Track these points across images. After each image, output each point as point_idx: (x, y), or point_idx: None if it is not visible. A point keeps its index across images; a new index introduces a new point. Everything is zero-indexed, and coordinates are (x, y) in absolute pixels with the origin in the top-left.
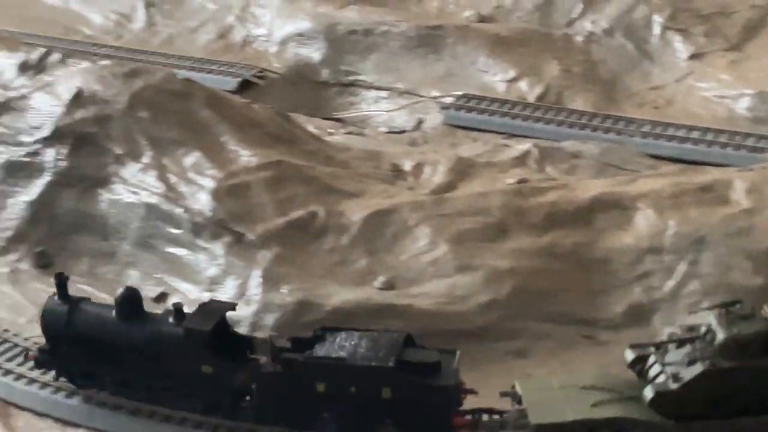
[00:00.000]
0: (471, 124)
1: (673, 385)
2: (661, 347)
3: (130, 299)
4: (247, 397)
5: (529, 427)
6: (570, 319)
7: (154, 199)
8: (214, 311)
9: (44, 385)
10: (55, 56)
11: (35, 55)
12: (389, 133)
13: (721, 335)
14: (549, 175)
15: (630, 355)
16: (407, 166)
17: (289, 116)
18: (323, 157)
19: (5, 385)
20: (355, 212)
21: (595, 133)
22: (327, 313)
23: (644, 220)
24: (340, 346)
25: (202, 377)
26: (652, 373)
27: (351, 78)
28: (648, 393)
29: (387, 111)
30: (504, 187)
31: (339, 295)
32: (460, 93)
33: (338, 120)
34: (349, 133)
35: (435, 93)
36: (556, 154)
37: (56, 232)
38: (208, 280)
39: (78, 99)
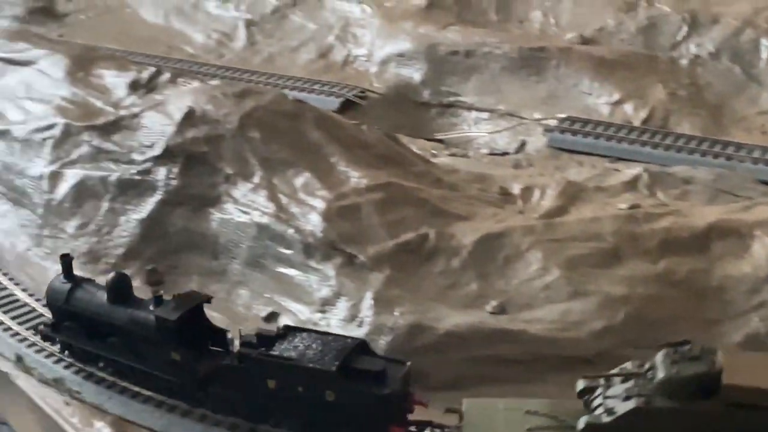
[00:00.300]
0: (575, 147)
1: (606, 419)
2: (609, 380)
3: (119, 283)
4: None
5: None
6: None
7: (265, 219)
8: (188, 301)
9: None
10: (165, 75)
11: (145, 74)
12: (492, 154)
13: (660, 374)
14: (661, 201)
15: (580, 385)
16: (516, 189)
17: (397, 138)
18: (432, 179)
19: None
20: (466, 235)
21: (704, 159)
22: (439, 337)
23: (762, 248)
24: (295, 345)
25: (171, 363)
26: (594, 404)
27: (452, 99)
28: (580, 424)
29: (489, 133)
30: (616, 213)
31: (451, 319)
32: (563, 115)
33: (439, 141)
34: (453, 155)
35: (537, 115)
36: (667, 180)
37: (167, 250)
38: (319, 300)
39: (189, 118)
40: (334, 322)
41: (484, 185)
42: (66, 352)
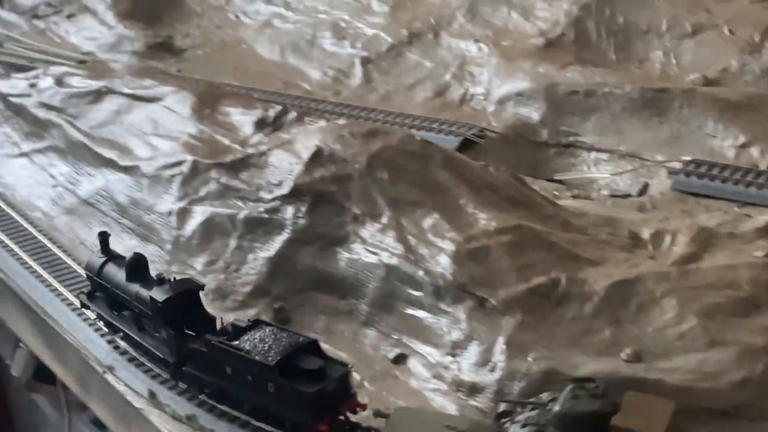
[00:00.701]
0: (702, 190)
1: None
2: (524, 406)
3: (135, 263)
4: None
5: None
6: None
7: (393, 260)
8: (179, 286)
9: None
10: (292, 114)
11: (272, 112)
12: (614, 196)
13: (557, 407)
14: None
15: (500, 408)
16: (645, 233)
17: (523, 179)
18: (560, 222)
19: None
20: (598, 281)
21: None
22: None
23: None
24: (254, 338)
25: (161, 341)
26: (503, 428)
27: (571, 139)
28: None
29: (610, 174)
30: (752, 260)
31: (586, 366)
32: (688, 158)
33: (559, 182)
34: (576, 196)
35: (660, 157)
36: None
37: (294, 289)
38: (450, 343)
39: (317, 158)
40: (465, 365)
41: (613, 229)
42: (99, 321)
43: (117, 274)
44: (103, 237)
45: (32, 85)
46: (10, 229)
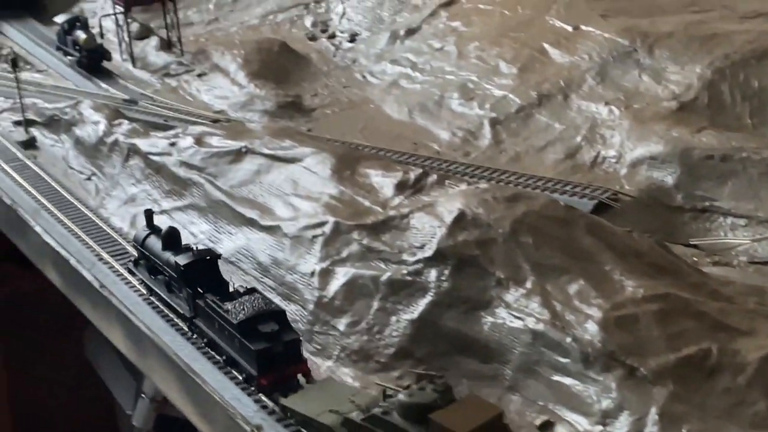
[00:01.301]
0: None
1: (356, 417)
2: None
3: (169, 235)
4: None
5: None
6: None
7: (540, 326)
8: (199, 254)
9: None
10: (432, 177)
11: (412, 175)
12: (754, 263)
13: (400, 395)
14: None
15: (389, 391)
16: None
17: (668, 246)
18: (707, 290)
19: None
20: (750, 351)
21: None
22: None
23: None
24: (242, 301)
25: (183, 299)
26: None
27: (707, 204)
28: (354, 417)
29: (750, 240)
30: None
31: None
32: None
33: (695, 247)
34: (716, 263)
35: None
36: None
37: (437, 352)
38: (599, 412)
39: (460, 221)
40: None
41: (761, 298)
42: (141, 285)
43: (155, 244)
44: (149, 214)
45: (172, 144)
46: None
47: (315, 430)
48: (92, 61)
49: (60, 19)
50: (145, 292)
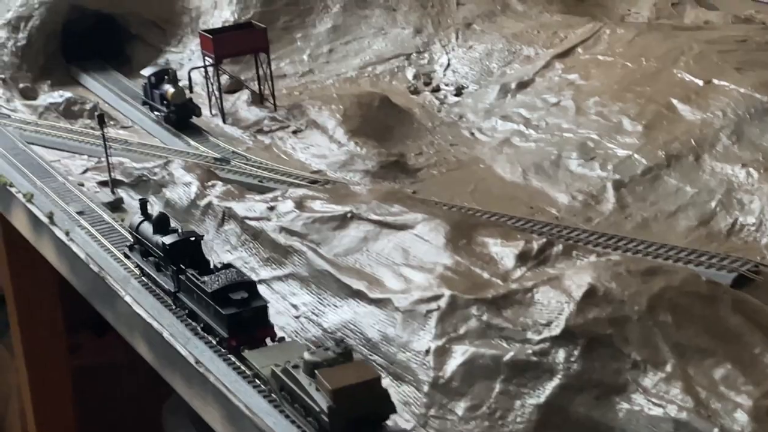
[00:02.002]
0: None
1: (277, 369)
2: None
3: (160, 219)
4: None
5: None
6: None
7: (683, 415)
8: (185, 234)
9: None
10: (558, 247)
11: (535, 244)
12: None
13: (305, 353)
14: None
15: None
16: None
17: None
18: None
19: None
20: None
21: None
22: None
23: None
24: (218, 274)
25: (168, 276)
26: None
27: None
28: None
29: None
30: None
31: None
32: None
33: None
34: None
35: None
36: None
37: None
38: None
39: (590, 297)
40: None
41: None
42: (136, 268)
43: (148, 229)
44: (143, 202)
45: (271, 208)
46: None
47: (263, 381)
48: (181, 116)
49: (147, 71)
50: (138, 273)
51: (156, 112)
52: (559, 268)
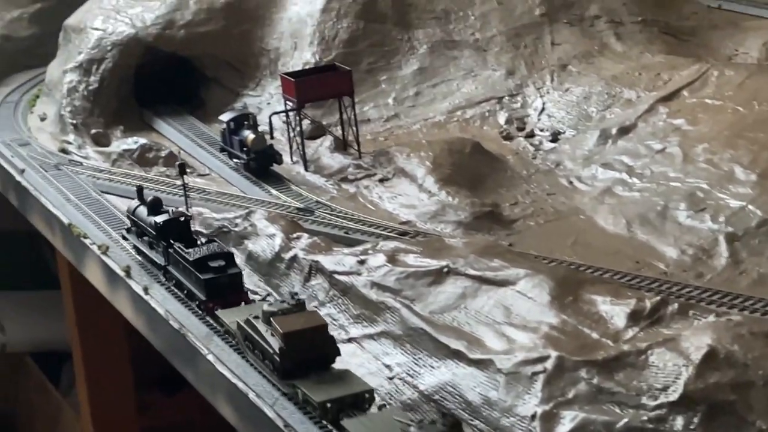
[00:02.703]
0: None
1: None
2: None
3: (153, 203)
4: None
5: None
6: None
7: None
8: (174, 214)
9: None
10: (673, 306)
11: (648, 303)
12: None
13: (264, 304)
14: None
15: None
16: None
17: None
18: None
19: None
20: None
21: None
22: None
23: None
24: (202, 247)
25: (159, 252)
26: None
27: None
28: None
29: None
30: None
31: None
32: None
33: None
34: None
35: None
36: None
37: None
38: None
39: (710, 360)
40: None
41: None
42: (133, 249)
43: (143, 212)
44: (139, 188)
45: (361, 262)
46: None
47: (231, 337)
48: (261, 164)
49: (226, 116)
50: (134, 253)
51: (235, 159)
52: (674, 329)
